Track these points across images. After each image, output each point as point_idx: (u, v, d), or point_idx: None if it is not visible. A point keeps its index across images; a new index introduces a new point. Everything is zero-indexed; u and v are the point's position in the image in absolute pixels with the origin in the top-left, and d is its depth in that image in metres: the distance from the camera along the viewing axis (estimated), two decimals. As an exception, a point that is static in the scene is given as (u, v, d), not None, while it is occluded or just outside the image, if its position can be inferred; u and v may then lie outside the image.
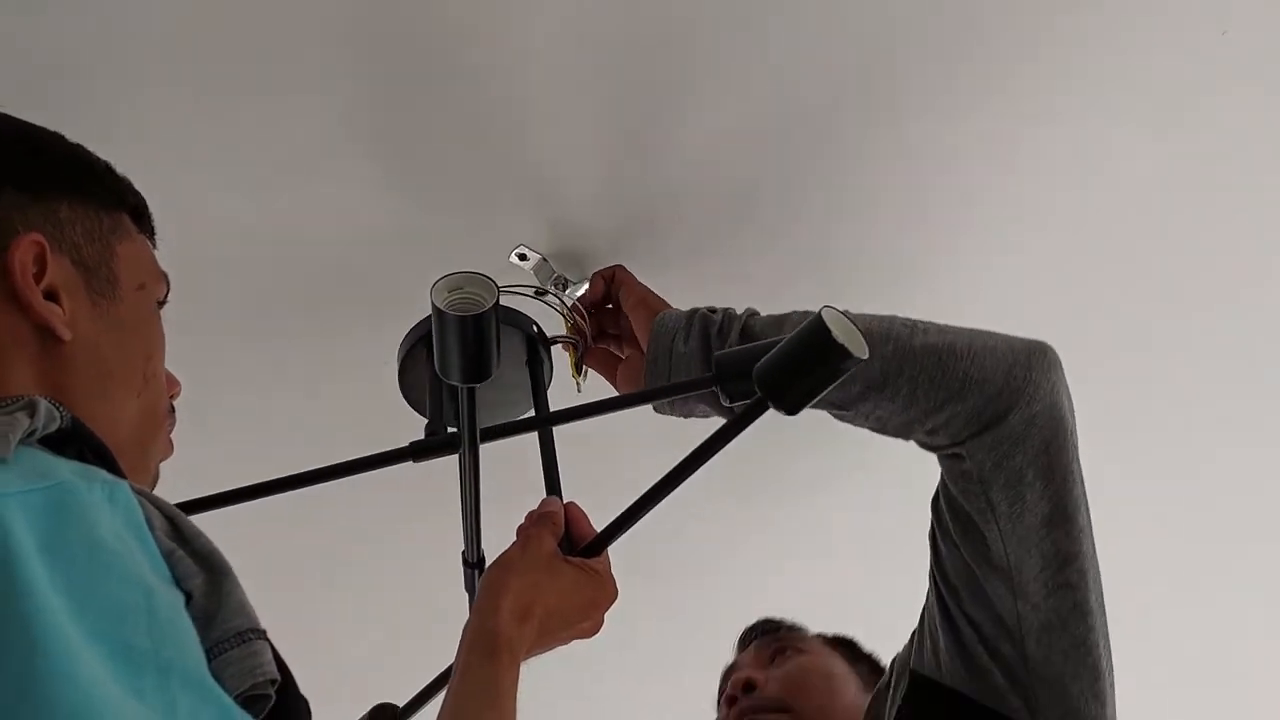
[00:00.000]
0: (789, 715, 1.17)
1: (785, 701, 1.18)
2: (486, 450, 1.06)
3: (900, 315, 1.07)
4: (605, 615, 0.99)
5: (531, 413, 1.18)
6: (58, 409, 0.66)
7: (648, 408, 1.15)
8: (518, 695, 0.84)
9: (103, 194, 0.81)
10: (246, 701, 0.62)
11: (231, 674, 0.62)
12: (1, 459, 0.58)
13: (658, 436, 1.34)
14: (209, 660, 0.60)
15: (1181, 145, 1.21)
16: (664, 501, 0.95)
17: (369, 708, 1.11)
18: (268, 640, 0.65)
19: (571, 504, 1.04)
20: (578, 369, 1.22)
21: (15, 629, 0.51)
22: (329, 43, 1.08)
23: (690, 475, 0.95)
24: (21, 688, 0.50)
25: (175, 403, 0.87)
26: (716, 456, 0.94)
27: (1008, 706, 1.01)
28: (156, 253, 0.86)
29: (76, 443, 0.66)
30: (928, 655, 1.06)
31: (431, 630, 0.95)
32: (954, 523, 1.04)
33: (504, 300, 0.98)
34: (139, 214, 0.84)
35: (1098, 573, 1.02)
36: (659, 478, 0.95)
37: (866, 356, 0.88)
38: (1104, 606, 1.02)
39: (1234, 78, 1.17)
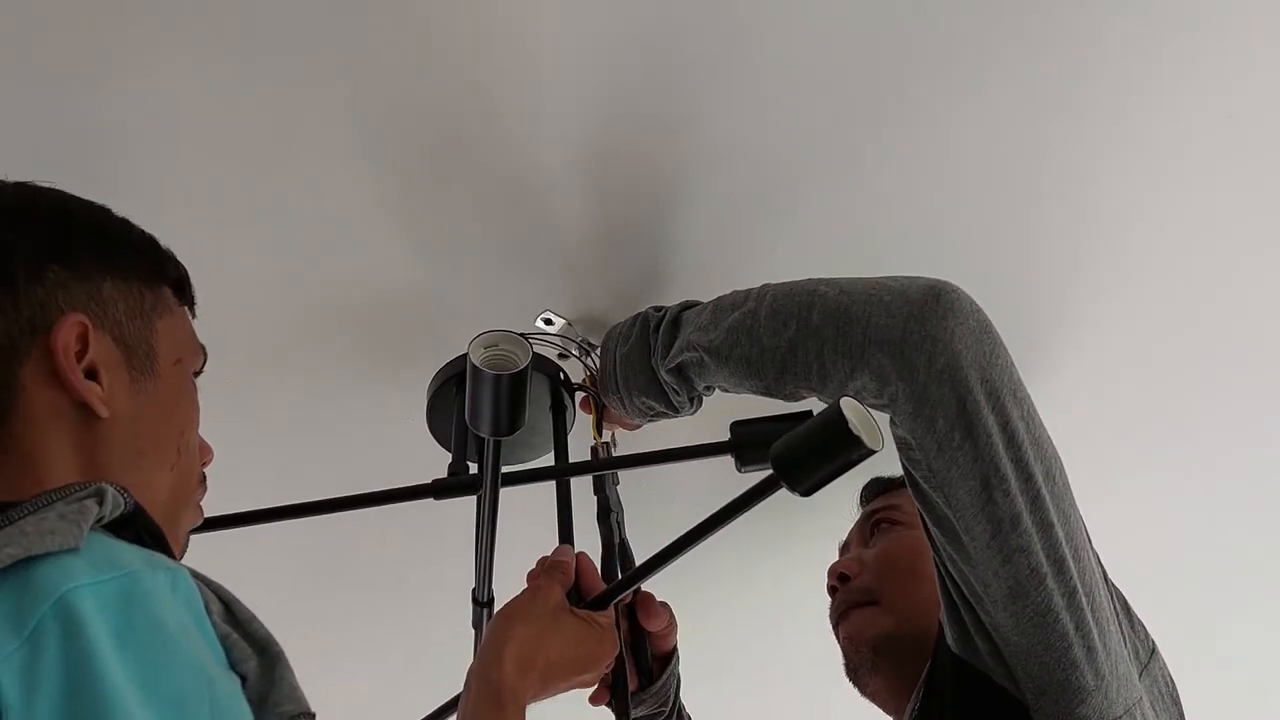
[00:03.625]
0: (877, 607, 1.16)
1: (874, 592, 1.17)
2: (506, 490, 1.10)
3: (820, 278, 1.03)
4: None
5: (551, 457, 1.22)
6: (122, 495, 0.68)
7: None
8: None
9: (146, 270, 0.82)
10: None
11: None
12: (73, 549, 0.60)
13: (675, 488, 1.38)
14: None
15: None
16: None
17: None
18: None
19: (582, 554, 1.07)
20: (598, 430, 1.25)
21: (92, 716, 0.55)
22: (363, 121, 1.10)
23: (700, 542, 0.98)
24: None
25: (207, 468, 0.88)
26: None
27: (997, 674, 0.97)
28: (194, 319, 0.87)
29: (134, 526, 0.68)
30: (945, 619, 1.03)
31: (437, 665, 0.98)
32: (914, 490, 1.00)
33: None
34: (180, 287, 0.86)
35: (1065, 531, 0.94)
36: (674, 529, 0.98)
37: (881, 449, 0.90)
38: (1072, 565, 0.94)
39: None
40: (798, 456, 0.93)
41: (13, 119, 1.07)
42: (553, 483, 1.19)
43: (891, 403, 0.96)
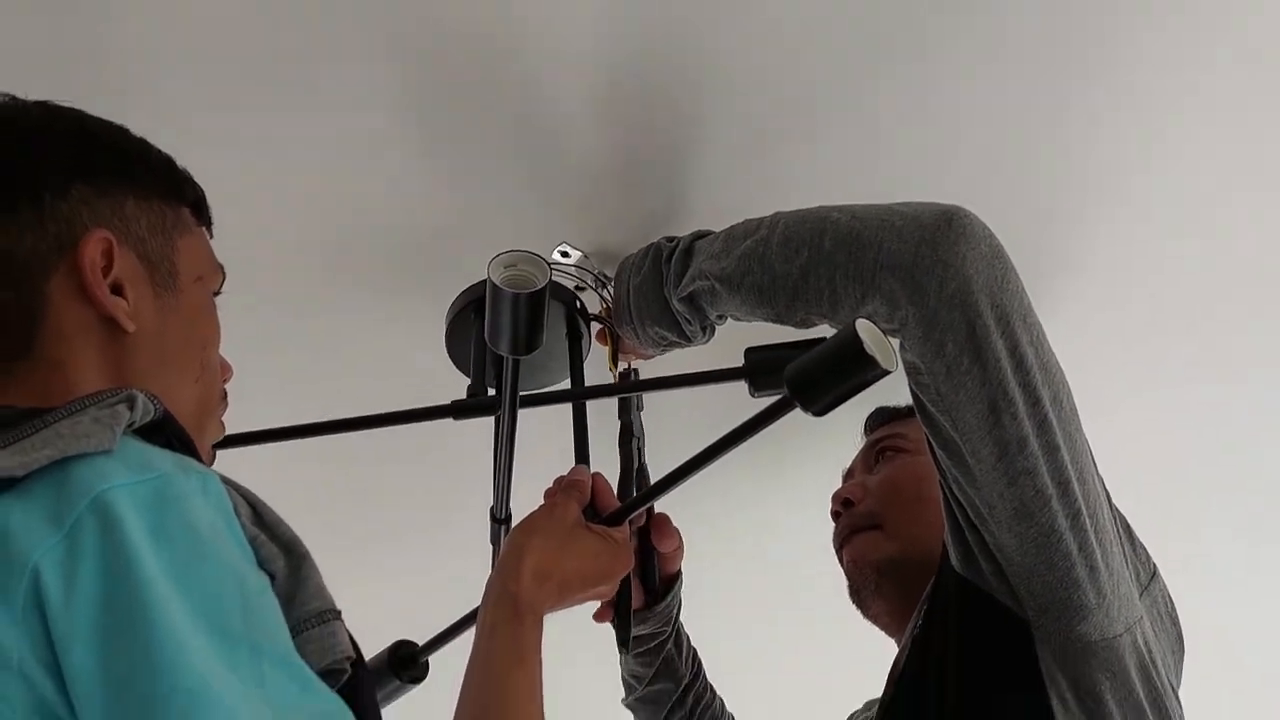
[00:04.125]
0: (881, 531, 1.18)
1: (877, 516, 1.20)
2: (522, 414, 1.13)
3: (832, 205, 1.04)
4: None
5: (567, 383, 1.24)
6: (152, 401, 0.70)
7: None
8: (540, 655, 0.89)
9: (166, 189, 0.83)
10: (324, 675, 0.68)
11: (312, 650, 0.69)
12: (107, 451, 0.63)
13: (689, 412, 1.40)
14: (292, 637, 0.66)
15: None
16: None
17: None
18: (342, 621, 0.72)
19: (598, 475, 1.09)
20: (614, 361, 1.27)
21: (136, 610, 0.58)
22: (387, 51, 1.11)
23: (712, 462, 1.00)
24: (143, 659, 0.58)
25: (228, 386, 0.90)
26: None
27: (1000, 594, 0.99)
28: (214, 241, 0.89)
29: (164, 432, 0.70)
30: (948, 540, 1.06)
31: (456, 581, 1.01)
32: (921, 414, 1.01)
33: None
34: (198, 207, 0.87)
35: (1071, 454, 0.96)
36: (685, 458, 1.01)
37: (895, 369, 0.92)
38: (1076, 487, 0.95)
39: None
40: (812, 377, 0.94)
41: (30, 39, 1.08)
42: (568, 407, 1.21)
43: (901, 327, 0.97)
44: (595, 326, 1.27)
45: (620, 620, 1.11)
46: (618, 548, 1.03)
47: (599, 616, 1.12)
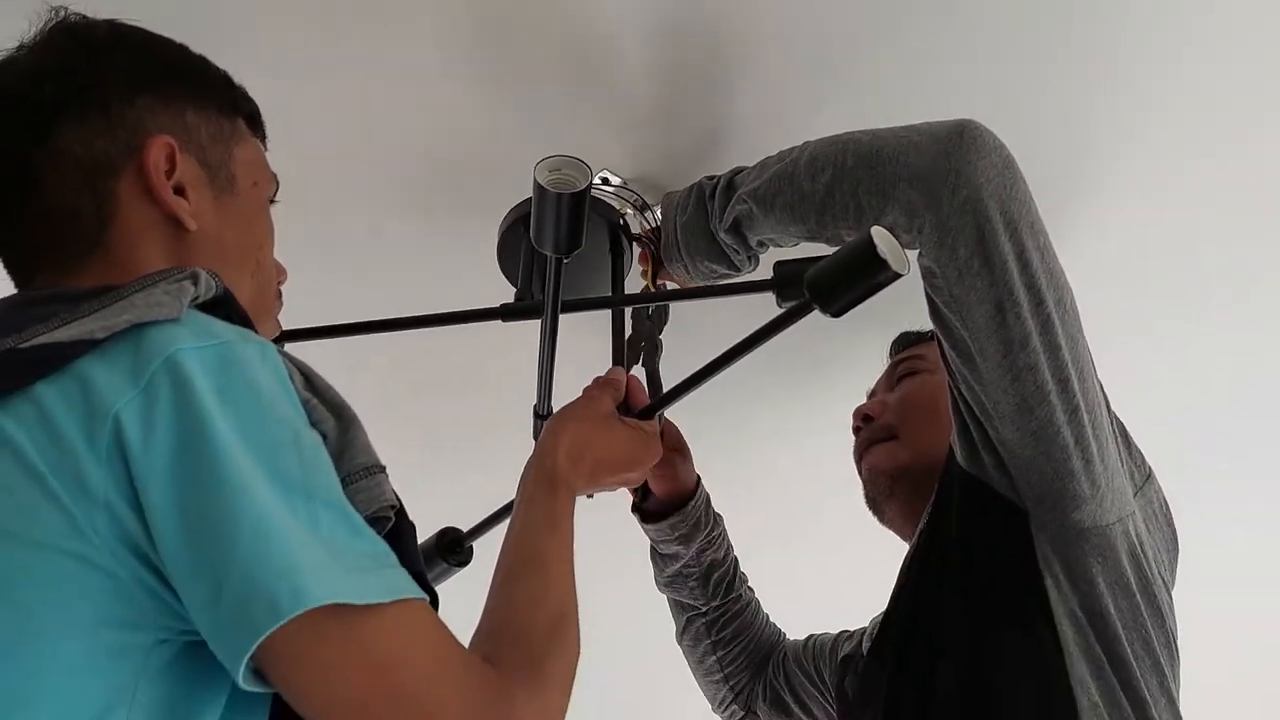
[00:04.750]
0: (897, 442, 1.26)
1: (893, 428, 1.28)
2: (568, 318, 1.21)
3: (856, 129, 1.10)
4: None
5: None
6: (213, 279, 0.77)
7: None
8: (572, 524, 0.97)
9: (223, 101, 0.90)
10: (371, 522, 0.74)
11: (360, 500, 0.75)
12: (176, 319, 0.71)
13: (724, 322, 1.47)
14: (342, 488, 0.73)
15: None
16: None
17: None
18: (386, 475, 0.79)
19: (632, 376, 1.17)
20: (652, 282, 1.34)
21: (206, 456, 0.66)
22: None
23: (737, 361, 1.07)
24: (213, 497, 0.65)
25: (283, 288, 0.97)
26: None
27: (1001, 486, 1.06)
28: (268, 154, 0.95)
29: (224, 307, 0.77)
30: (955, 440, 1.12)
31: (500, 471, 1.09)
32: (934, 317, 1.07)
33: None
34: (254, 120, 0.94)
35: (1072, 355, 1.01)
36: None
37: (907, 272, 0.99)
38: (1076, 384, 1.01)
39: None
40: (829, 281, 1.01)
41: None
42: (609, 319, 1.29)
43: (919, 234, 1.03)
44: (637, 248, 1.35)
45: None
46: (648, 439, 1.11)
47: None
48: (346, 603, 0.65)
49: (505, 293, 1.32)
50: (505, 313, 1.21)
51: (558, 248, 1.07)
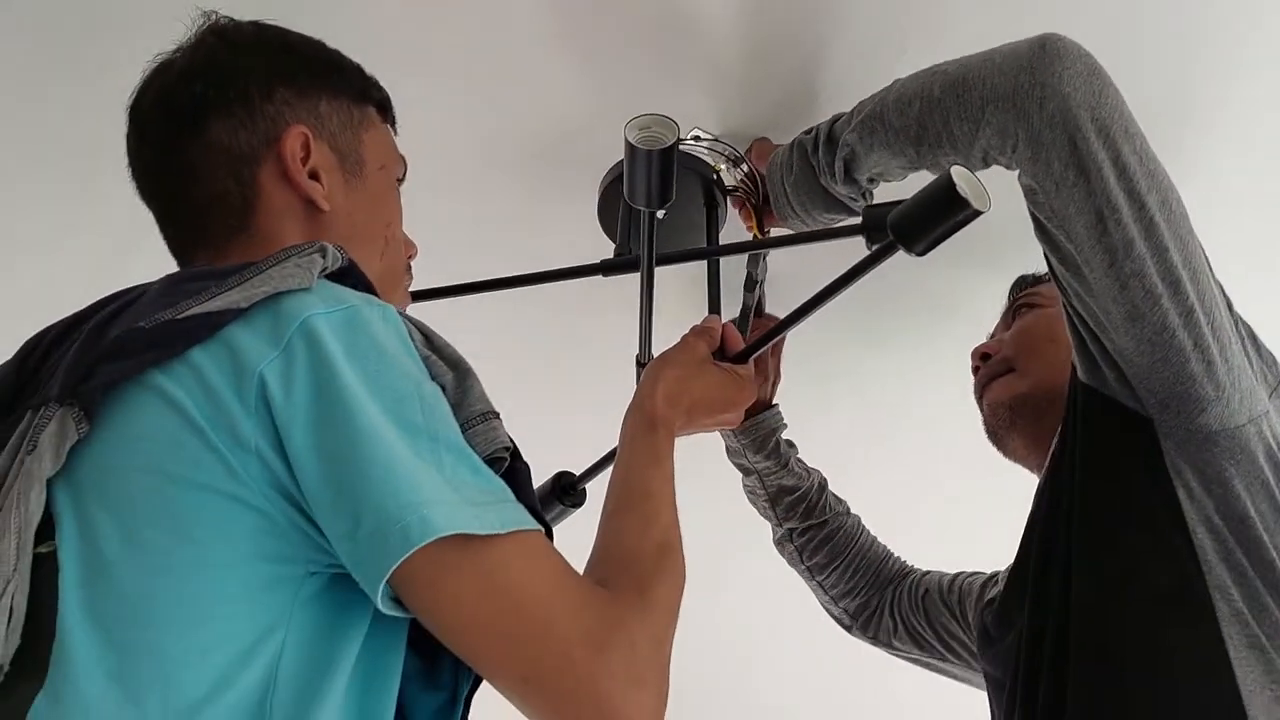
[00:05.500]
0: (1015, 373, 1.30)
1: (1011, 362, 1.31)
2: (667, 274, 1.27)
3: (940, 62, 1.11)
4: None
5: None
6: (339, 252, 0.85)
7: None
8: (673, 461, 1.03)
9: (354, 91, 0.98)
10: (488, 463, 0.81)
11: (478, 443, 0.83)
12: (308, 288, 0.79)
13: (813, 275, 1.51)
14: (461, 433, 0.80)
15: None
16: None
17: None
18: (501, 420, 0.86)
19: (728, 323, 1.23)
20: (760, 231, 1.37)
21: (339, 406, 0.74)
22: None
23: (828, 302, 1.12)
24: (347, 440, 0.73)
25: (413, 263, 1.05)
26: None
27: (1123, 397, 1.06)
28: (396, 139, 1.03)
29: (351, 278, 0.85)
30: (1075, 357, 1.12)
31: (606, 417, 1.16)
32: (1040, 234, 1.07)
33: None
34: (383, 107, 1.01)
35: (1182, 255, 1.01)
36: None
37: (988, 209, 1.01)
38: (1188, 286, 1.00)
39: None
40: (912, 221, 1.05)
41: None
42: (705, 272, 1.35)
43: (1014, 153, 1.04)
44: (732, 201, 1.39)
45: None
46: (742, 381, 1.17)
47: None
48: (469, 533, 0.72)
49: (607, 251, 1.39)
50: (606, 267, 1.28)
51: (650, 202, 1.13)
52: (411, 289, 1.10)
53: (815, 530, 1.51)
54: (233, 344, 0.76)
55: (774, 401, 1.48)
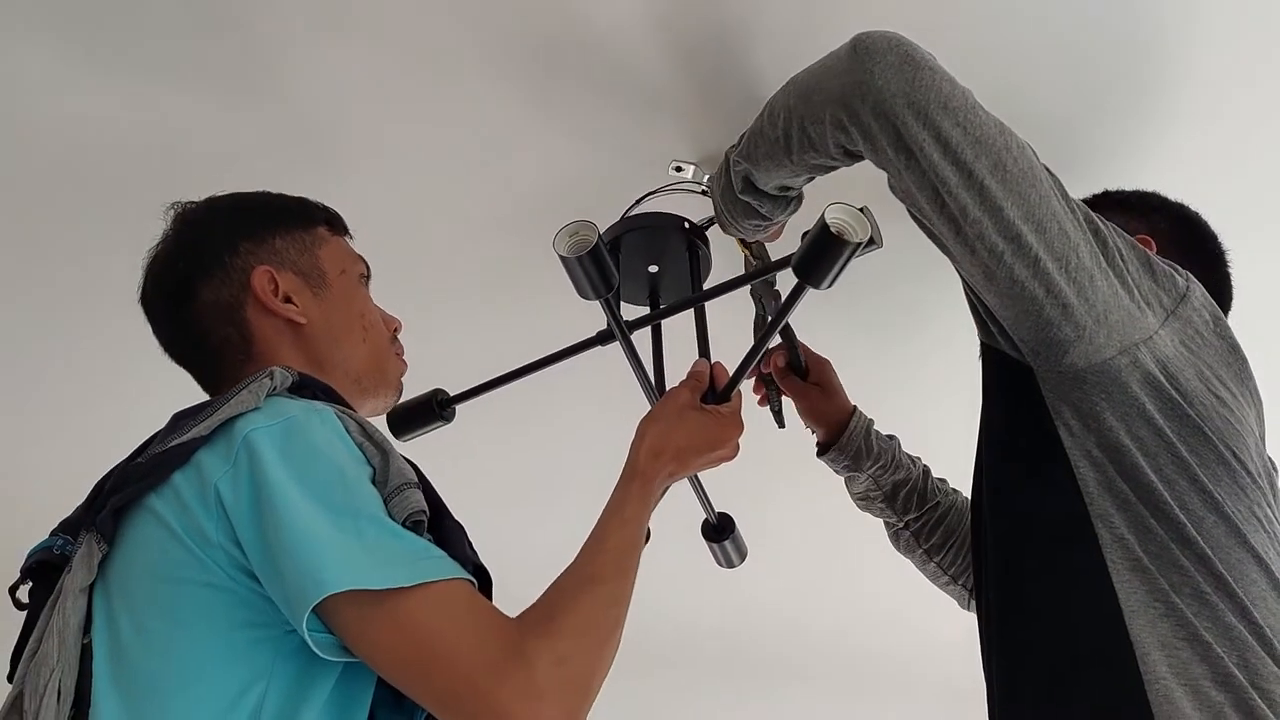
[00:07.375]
0: None
1: None
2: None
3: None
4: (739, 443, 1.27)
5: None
6: (288, 372, 1.03)
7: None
8: (651, 508, 1.13)
9: (300, 221, 1.18)
10: (411, 526, 0.95)
11: (397, 510, 0.95)
12: (256, 408, 0.98)
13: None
14: (386, 504, 0.94)
15: None
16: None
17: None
18: (419, 488, 0.98)
19: (717, 363, 1.32)
20: (744, 246, 1.49)
21: (271, 501, 0.90)
22: (509, 51, 1.42)
23: (774, 334, 1.27)
24: (278, 526, 0.89)
25: (400, 335, 1.24)
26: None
27: (1007, 349, 1.14)
28: (354, 240, 1.22)
29: (309, 389, 1.05)
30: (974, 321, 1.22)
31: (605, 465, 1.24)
32: (911, 216, 1.16)
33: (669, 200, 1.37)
34: (332, 222, 1.22)
35: (1021, 210, 1.05)
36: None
37: (867, 239, 1.10)
38: (1031, 238, 1.05)
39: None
40: (808, 262, 1.15)
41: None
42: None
43: (859, 147, 1.12)
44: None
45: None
46: (725, 419, 1.24)
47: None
48: (369, 588, 0.87)
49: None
50: (604, 338, 1.40)
51: (598, 293, 1.24)
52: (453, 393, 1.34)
53: (929, 514, 1.56)
54: (200, 464, 0.95)
55: (852, 406, 1.55)
